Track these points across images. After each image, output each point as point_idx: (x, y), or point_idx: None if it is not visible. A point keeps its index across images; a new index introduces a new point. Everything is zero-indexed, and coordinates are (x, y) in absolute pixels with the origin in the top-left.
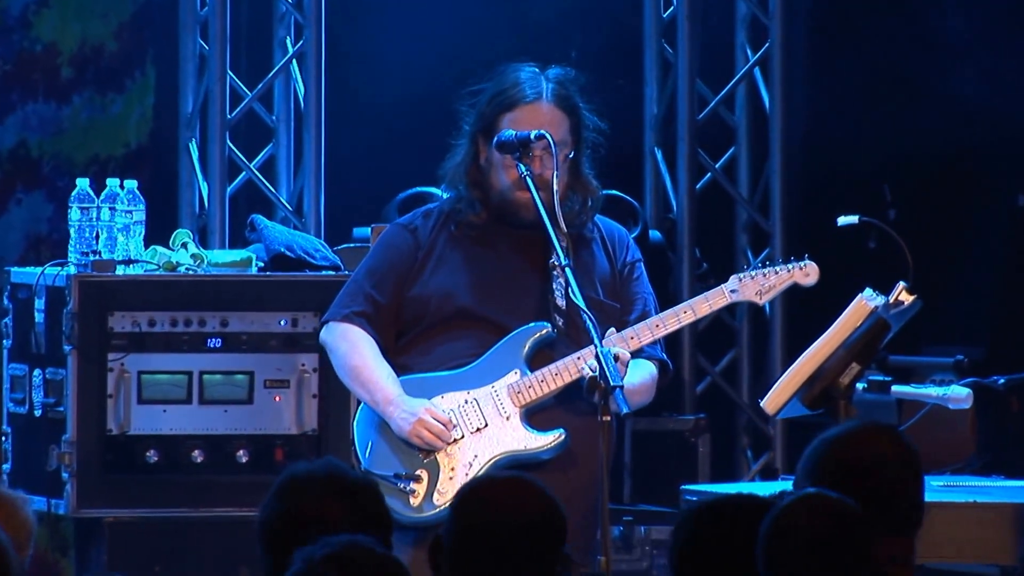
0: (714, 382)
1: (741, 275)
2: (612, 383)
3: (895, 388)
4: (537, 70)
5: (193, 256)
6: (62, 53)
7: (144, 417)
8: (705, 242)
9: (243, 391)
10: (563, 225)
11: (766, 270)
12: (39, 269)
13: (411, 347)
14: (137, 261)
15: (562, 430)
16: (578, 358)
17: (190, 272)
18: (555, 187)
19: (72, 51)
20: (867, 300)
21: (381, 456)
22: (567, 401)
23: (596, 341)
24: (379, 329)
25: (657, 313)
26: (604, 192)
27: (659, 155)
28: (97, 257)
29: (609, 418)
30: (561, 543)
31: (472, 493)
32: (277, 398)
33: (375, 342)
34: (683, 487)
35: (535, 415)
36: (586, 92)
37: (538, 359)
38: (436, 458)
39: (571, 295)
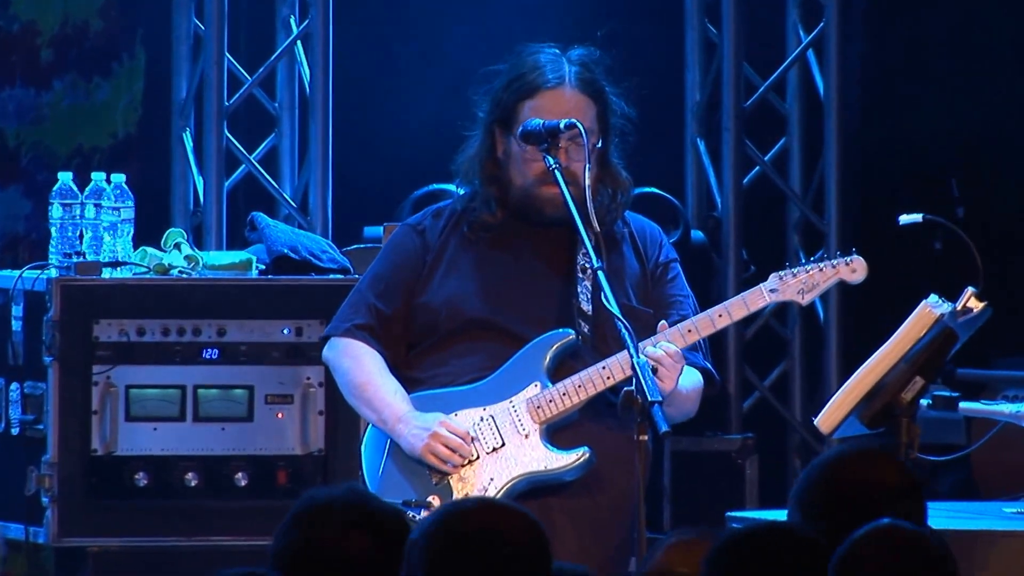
0: (763, 398)
1: (782, 273)
2: (650, 398)
3: (963, 405)
4: (558, 51)
5: (187, 258)
6: (42, 33)
7: (132, 436)
8: (753, 243)
9: (242, 407)
10: (595, 223)
11: (809, 267)
12: (16, 272)
13: (422, 360)
14: (125, 263)
15: (587, 448)
16: (603, 368)
17: (184, 276)
18: (587, 181)
19: (53, 31)
20: (932, 307)
21: (391, 482)
22: (593, 416)
23: (632, 351)
24: (385, 342)
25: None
26: (640, 190)
27: (702, 147)
28: (81, 259)
29: (646, 437)
30: (548, 570)
31: (449, 520)
32: (279, 415)
33: (381, 356)
34: (728, 514)
35: (557, 432)
36: (613, 74)
37: (561, 370)
38: (449, 482)
39: (604, 300)
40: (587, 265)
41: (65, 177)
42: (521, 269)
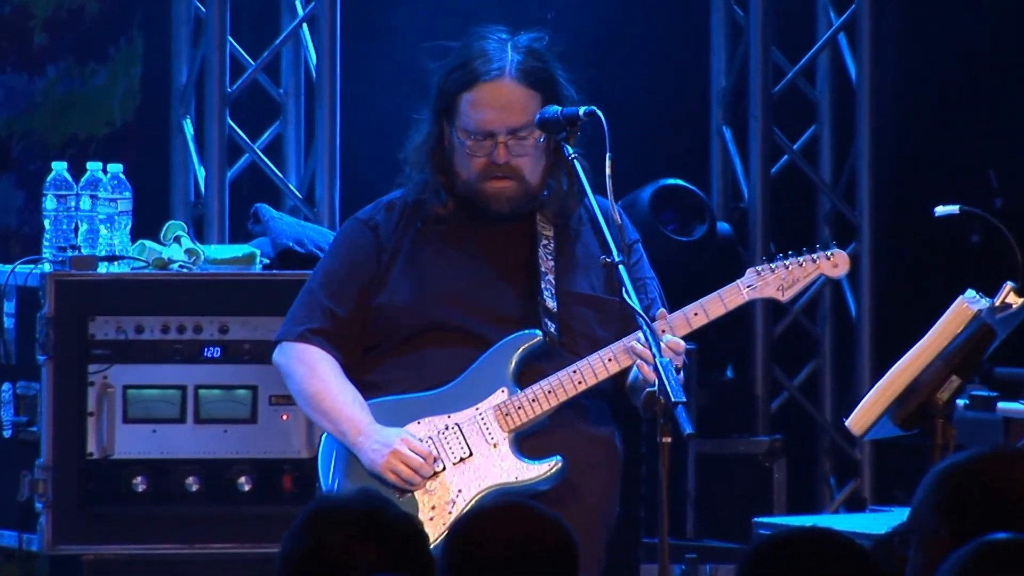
0: (792, 398)
1: (760, 268)
2: (673, 399)
3: (1001, 405)
4: (506, 37)
5: (187, 252)
6: (35, 16)
7: (130, 438)
8: (781, 235)
9: (245, 408)
10: (616, 216)
11: (788, 262)
12: (9, 267)
13: (380, 362)
14: (123, 258)
15: (559, 457)
16: (575, 372)
17: (184, 270)
18: (608, 171)
19: (46, 13)
20: (969, 303)
21: None
22: (563, 421)
23: (655, 351)
24: (341, 346)
25: (663, 301)
26: (664, 181)
27: (728, 135)
28: (76, 253)
29: (669, 439)
30: (575, 572)
31: (470, 524)
32: (284, 416)
33: (337, 362)
34: (756, 519)
35: (526, 440)
36: (565, 59)
37: (528, 373)
38: (414, 496)
39: (626, 295)
40: (608, 259)
41: (59, 167)
42: (482, 267)
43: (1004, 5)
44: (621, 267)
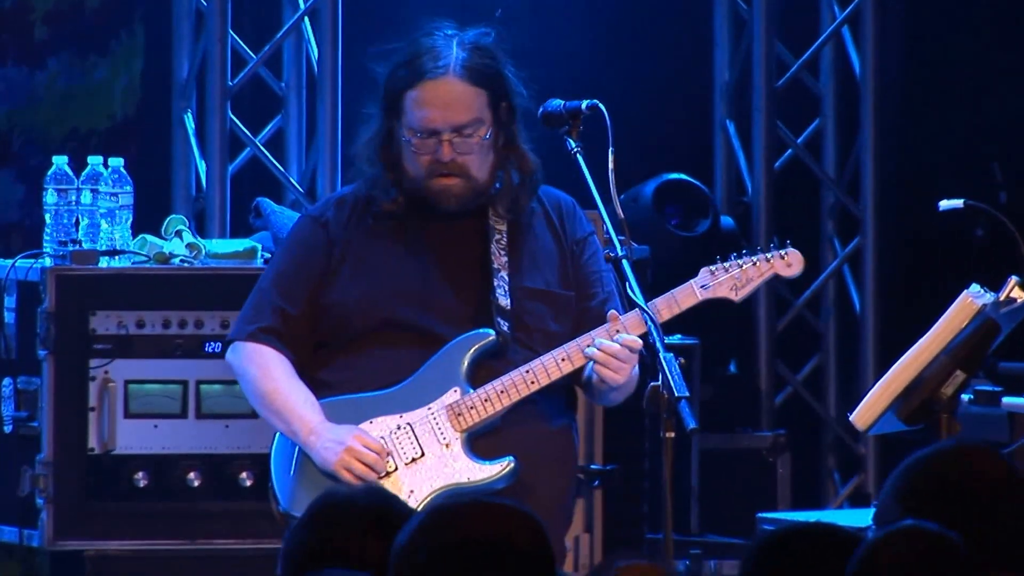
0: (795, 393)
1: (714, 268)
2: (677, 393)
3: (1006, 400)
4: (452, 33)
5: (189, 246)
6: (35, 9)
7: (132, 434)
8: (785, 230)
9: (247, 404)
10: (620, 209)
11: (742, 261)
12: (9, 261)
13: (331, 360)
14: (123, 252)
15: (511, 458)
16: (527, 371)
17: (185, 265)
18: (610, 166)
19: (47, 7)
20: (973, 298)
21: (303, 495)
22: (518, 421)
23: (659, 345)
24: (292, 345)
25: (617, 297)
26: (668, 176)
27: (731, 129)
28: (77, 247)
29: (673, 434)
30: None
31: (439, 515)
32: None
33: (289, 361)
34: (760, 515)
35: (480, 440)
36: (513, 56)
37: (481, 372)
38: None
39: (630, 291)
40: (611, 254)
41: (60, 161)
42: (434, 264)
43: (1010, 1)
44: (625, 262)
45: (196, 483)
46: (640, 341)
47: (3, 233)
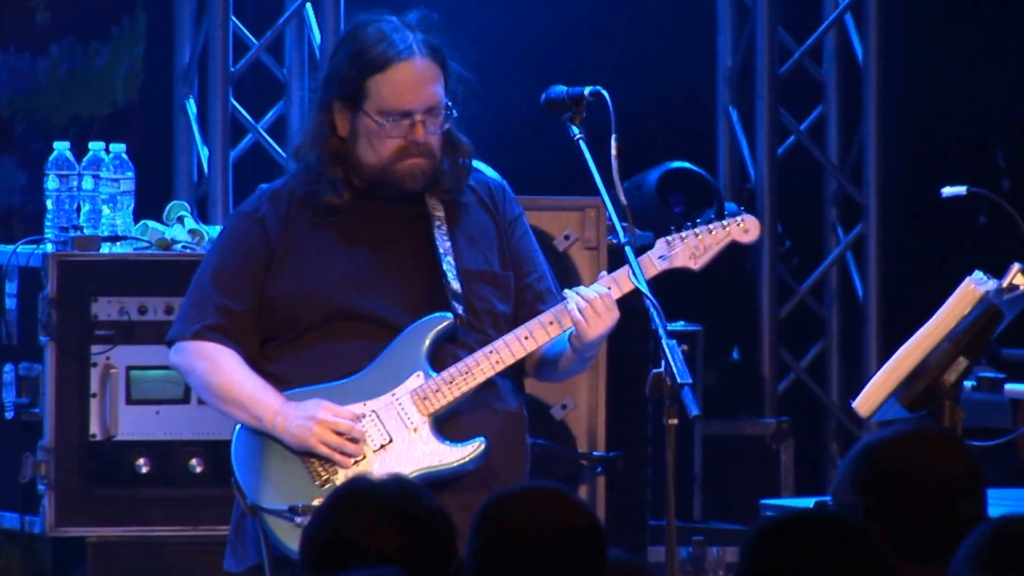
0: (798, 379)
1: (669, 238)
2: (680, 380)
3: (1009, 387)
4: (396, 19)
5: (191, 232)
6: None
7: (133, 420)
8: (788, 216)
9: None
10: (622, 197)
11: (698, 229)
12: (11, 247)
13: (283, 353)
14: (125, 238)
15: (483, 438)
16: (491, 352)
17: (187, 251)
18: (613, 152)
19: None
20: (976, 284)
21: (271, 487)
22: (478, 403)
23: (662, 331)
24: (239, 341)
25: (552, 277)
26: (672, 164)
27: (734, 115)
28: (78, 233)
29: (676, 421)
30: (604, 559)
31: (500, 506)
32: None
33: (238, 354)
34: (763, 501)
35: (446, 423)
36: (451, 36)
37: (440, 355)
38: (335, 483)
39: (632, 278)
40: (616, 241)
41: (62, 147)
42: (381, 250)
43: None
44: (628, 249)
45: (198, 469)
46: (612, 294)
47: (5, 219)
